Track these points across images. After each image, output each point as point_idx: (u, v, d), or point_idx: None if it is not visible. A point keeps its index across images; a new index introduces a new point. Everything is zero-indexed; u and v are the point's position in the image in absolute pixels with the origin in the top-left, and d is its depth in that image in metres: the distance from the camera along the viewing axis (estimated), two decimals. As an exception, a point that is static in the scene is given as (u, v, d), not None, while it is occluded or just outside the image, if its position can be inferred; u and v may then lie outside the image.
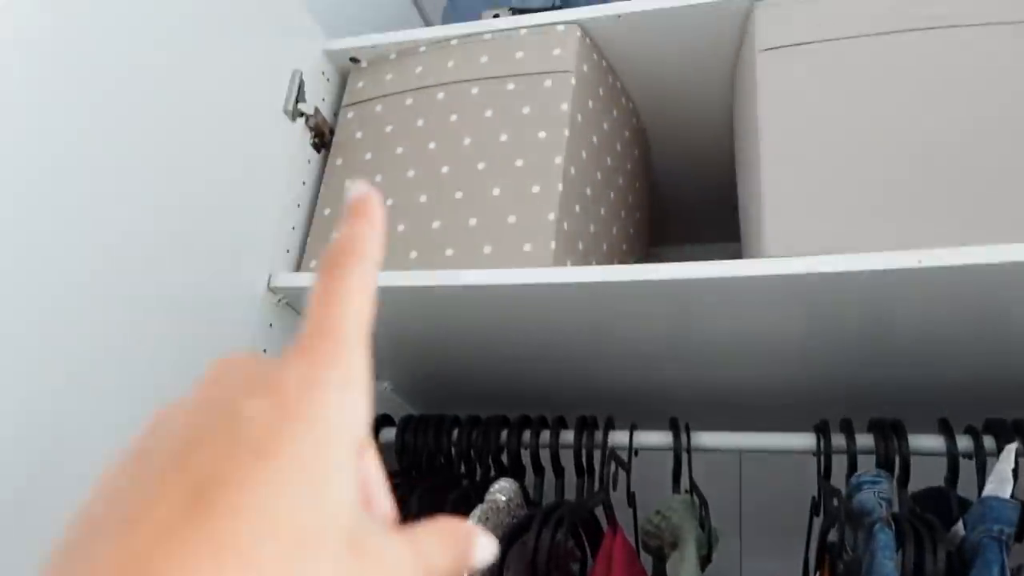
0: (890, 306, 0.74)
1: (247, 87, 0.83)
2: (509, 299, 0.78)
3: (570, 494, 0.88)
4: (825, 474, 0.81)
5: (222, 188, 0.78)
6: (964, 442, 0.78)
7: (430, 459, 0.93)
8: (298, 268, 0.86)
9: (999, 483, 0.64)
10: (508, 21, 0.92)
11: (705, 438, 0.86)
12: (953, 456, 0.77)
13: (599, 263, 0.88)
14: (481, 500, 0.79)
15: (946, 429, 0.78)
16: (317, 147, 0.93)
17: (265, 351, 0.81)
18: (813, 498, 0.82)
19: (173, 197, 0.71)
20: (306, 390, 0.23)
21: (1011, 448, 0.68)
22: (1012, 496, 0.64)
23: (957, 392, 0.86)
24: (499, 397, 1.02)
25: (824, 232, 0.71)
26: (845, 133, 0.74)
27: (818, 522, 0.82)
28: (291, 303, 0.84)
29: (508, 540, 0.77)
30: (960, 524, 0.66)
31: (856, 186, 0.72)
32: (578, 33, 0.88)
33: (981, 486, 0.70)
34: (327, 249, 0.27)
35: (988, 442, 0.77)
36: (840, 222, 0.71)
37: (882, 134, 0.73)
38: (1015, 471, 0.66)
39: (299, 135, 0.90)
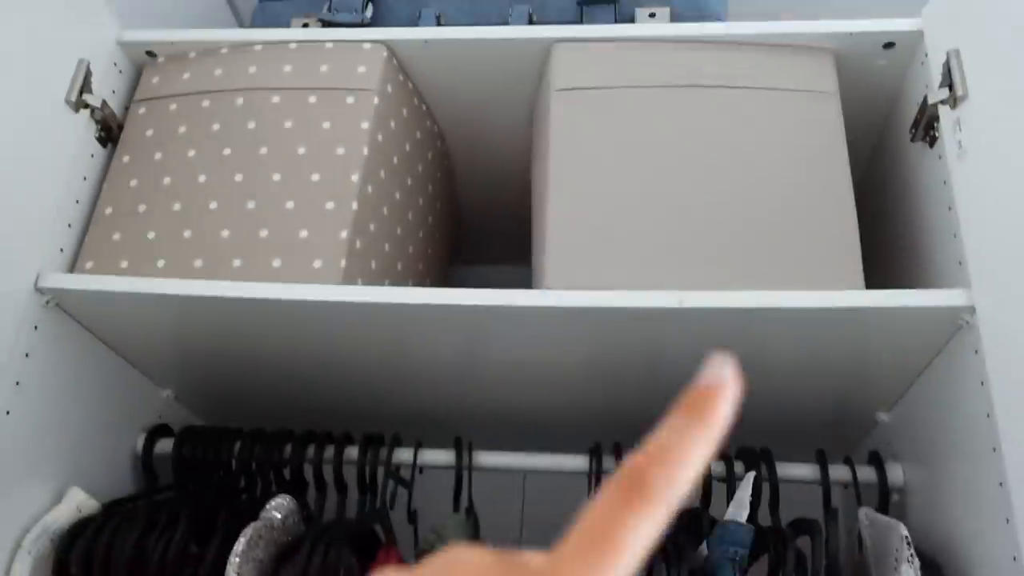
0: (660, 342, 0.79)
1: (26, 72, 0.78)
2: (297, 314, 0.78)
3: (353, 511, 0.88)
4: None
5: (-11, 179, 0.72)
6: (718, 467, 0.85)
7: (208, 473, 0.90)
8: (71, 269, 0.81)
9: (737, 508, 0.71)
10: (315, 33, 0.92)
11: (486, 458, 0.88)
12: (707, 479, 0.84)
13: (393, 283, 0.89)
14: (256, 517, 0.77)
15: (703, 454, 0.85)
16: (103, 141, 0.88)
17: (28, 355, 0.76)
18: (583, 517, 0.87)
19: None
20: None
21: (749, 476, 0.75)
22: (748, 519, 0.70)
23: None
24: (288, 411, 1.00)
25: (600, 269, 0.76)
26: (625, 178, 0.79)
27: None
28: (60, 304, 0.79)
29: (281, 559, 0.76)
30: (704, 544, 0.72)
31: (631, 228, 0.77)
32: (384, 53, 0.89)
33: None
34: (640, 452, 0.23)
35: (739, 467, 0.84)
36: (615, 261, 0.76)
37: (657, 182, 0.79)
38: (753, 496, 0.73)
39: (83, 127, 0.85)
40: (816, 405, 0.91)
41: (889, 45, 0.85)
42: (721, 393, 0.23)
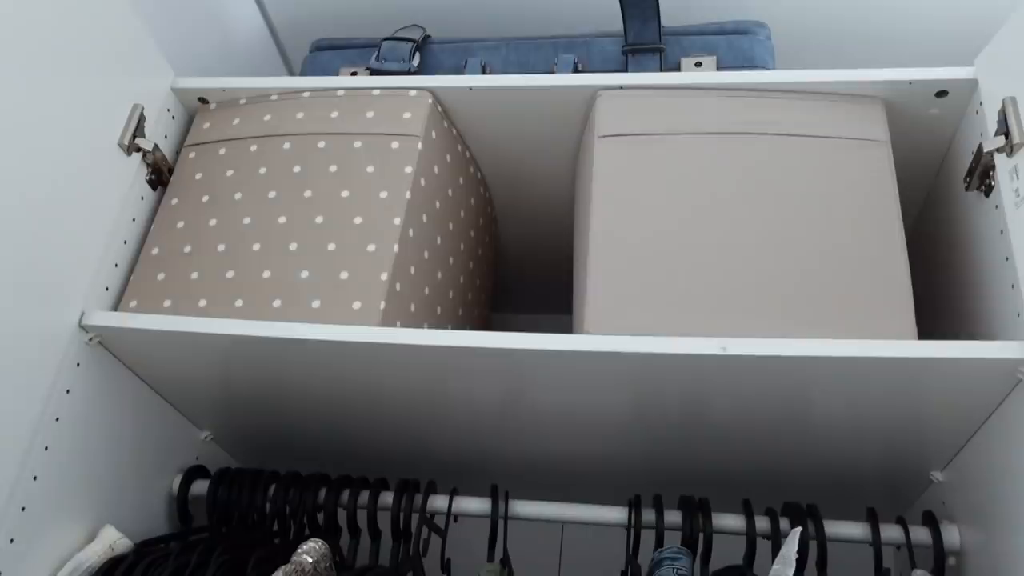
0: (702, 391, 0.77)
1: (82, 116, 0.80)
2: (335, 356, 0.77)
3: (386, 558, 0.86)
4: (635, 548, 0.83)
5: (41, 217, 0.74)
6: (763, 523, 0.82)
7: (242, 515, 0.89)
8: (116, 307, 0.82)
9: (783, 565, 0.68)
10: (363, 80, 0.93)
11: (522, 507, 0.86)
12: (751, 536, 0.81)
13: (432, 327, 0.88)
14: (287, 561, 0.76)
15: (747, 510, 0.82)
16: (153, 184, 0.90)
17: (69, 391, 0.76)
18: (622, 572, 0.84)
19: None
20: None
21: (795, 532, 0.71)
22: (795, 577, 0.67)
23: (762, 476, 0.91)
24: (325, 454, 0.99)
25: (642, 315, 0.74)
26: (668, 224, 0.78)
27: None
28: (103, 342, 0.80)
29: (311, 604, 0.75)
30: (748, 603, 0.69)
31: (674, 274, 0.76)
32: (430, 100, 0.90)
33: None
34: None
35: (784, 524, 0.81)
36: (657, 307, 0.74)
37: (701, 228, 0.78)
38: (799, 555, 0.70)
39: (134, 170, 0.87)
40: (865, 461, 0.87)
41: (942, 93, 0.83)
42: None
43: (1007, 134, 0.73)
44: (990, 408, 0.73)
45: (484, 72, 1.01)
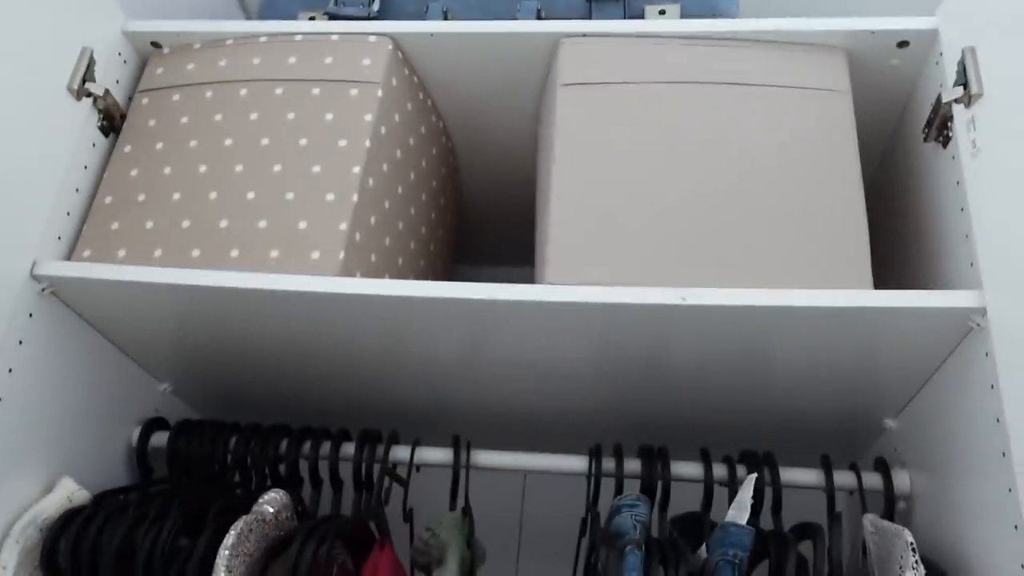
0: (663, 341, 0.78)
1: (30, 60, 0.77)
2: (294, 306, 0.77)
3: (348, 508, 0.87)
4: (595, 496, 0.84)
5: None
6: (720, 470, 0.83)
7: (203, 466, 0.89)
8: (69, 257, 0.81)
9: (738, 510, 0.69)
10: (321, 25, 0.91)
11: (484, 457, 0.87)
12: (709, 483, 0.82)
13: (392, 277, 0.87)
14: (249, 511, 0.76)
15: (705, 458, 0.83)
16: (105, 131, 0.87)
17: (22, 342, 0.75)
18: (582, 519, 0.85)
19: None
20: None
21: (751, 478, 0.73)
22: (749, 522, 0.69)
23: (720, 424, 0.92)
24: (286, 406, 0.99)
25: (603, 265, 0.74)
26: (630, 173, 0.78)
27: (586, 543, 0.84)
28: (57, 293, 0.78)
29: (272, 553, 0.75)
30: (704, 547, 0.70)
31: (636, 224, 0.75)
32: (390, 46, 0.88)
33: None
34: None
35: (741, 471, 0.82)
36: (618, 257, 0.74)
37: (663, 178, 0.78)
38: (755, 501, 0.71)
39: (84, 116, 0.85)
40: (821, 410, 0.89)
41: (903, 44, 0.83)
42: None
43: (965, 85, 0.74)
44: (942, 356, 0.74)
45: (446, 18, 0.99)
